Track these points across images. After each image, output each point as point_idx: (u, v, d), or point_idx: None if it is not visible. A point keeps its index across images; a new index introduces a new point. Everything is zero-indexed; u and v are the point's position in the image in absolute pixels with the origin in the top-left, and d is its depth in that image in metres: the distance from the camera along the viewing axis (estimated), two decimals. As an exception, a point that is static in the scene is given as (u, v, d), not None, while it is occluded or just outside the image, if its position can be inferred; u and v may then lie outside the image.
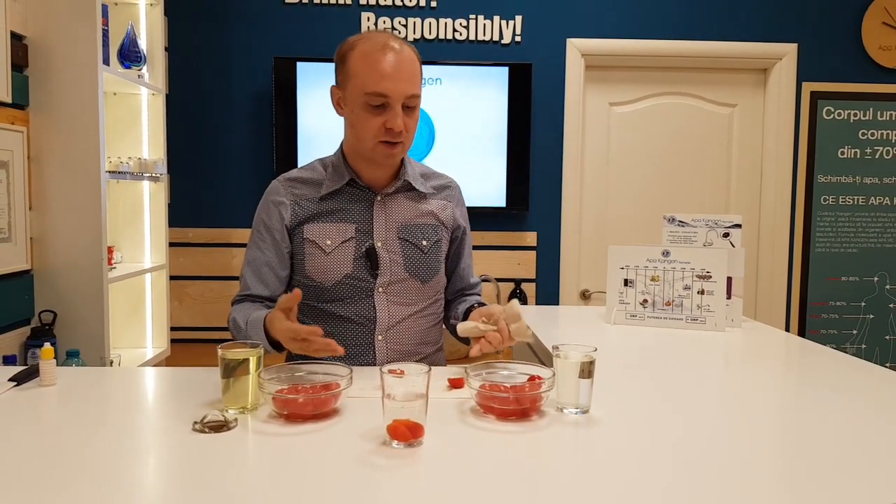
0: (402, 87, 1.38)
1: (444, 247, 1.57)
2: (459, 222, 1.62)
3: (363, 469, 0.94)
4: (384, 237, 1.49)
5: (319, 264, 1.47)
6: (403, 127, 1.40)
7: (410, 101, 1.41)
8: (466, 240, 1.66)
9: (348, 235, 1.48)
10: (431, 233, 1.54)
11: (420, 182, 1.55)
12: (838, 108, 3.22)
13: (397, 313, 1.50)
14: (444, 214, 1.57)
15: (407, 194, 1.54)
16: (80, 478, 0.90)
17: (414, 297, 1.52)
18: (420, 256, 1.51)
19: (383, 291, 1.49)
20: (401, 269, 1.49)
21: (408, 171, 1.53)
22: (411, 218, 1.53)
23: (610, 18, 3.16)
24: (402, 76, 1.38)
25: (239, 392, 1.15)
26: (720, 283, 1.94)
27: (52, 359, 1.31)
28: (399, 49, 1.40)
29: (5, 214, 2.02)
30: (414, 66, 1.42)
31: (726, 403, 1.31)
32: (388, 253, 1.49)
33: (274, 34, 3.10)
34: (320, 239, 1.47)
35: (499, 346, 1.33)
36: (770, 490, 0.92)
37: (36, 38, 2.11)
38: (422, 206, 1.55)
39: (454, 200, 1.61)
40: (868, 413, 1.23)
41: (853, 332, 3.30)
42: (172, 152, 2.92)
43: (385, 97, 1.38)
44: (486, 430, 1.10)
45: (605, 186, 3.31)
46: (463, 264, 1.65)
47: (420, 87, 1.44)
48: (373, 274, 1.48)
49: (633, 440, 1.07)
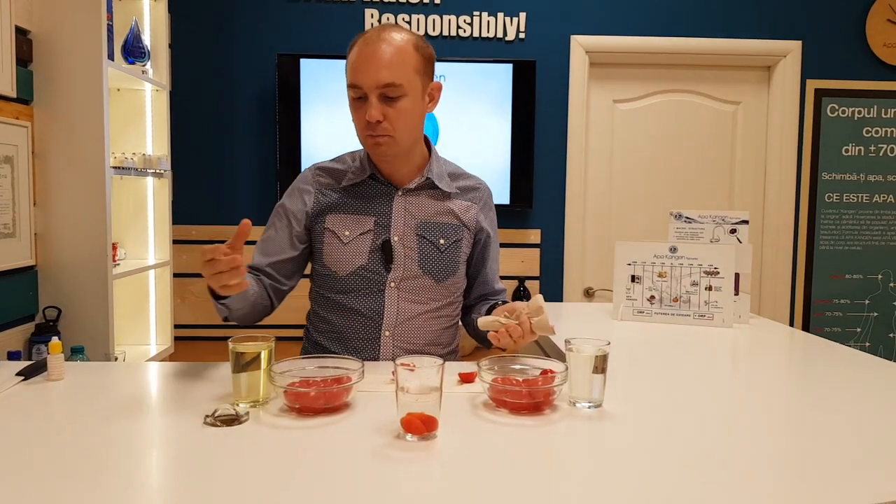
0: (373, 77, 1.34)
1: (465, 248, 1.54)
2: (483, 226, 1.57)
3: (378, 462, 0.93)
4: (402, 232, 1.48)
5: (336, 254, 1.47)
6: (381, 117, 1.35)
7: (388, 90, 1.35)
8: (492, 245, 1.61)
9: (367, 227, 1.48)
10: (451, 232, 1.52)
11: (445, 181, 1.53)
12: (842, 105, 3.22)
13: (407, 310, 1.49)
14: (466, 215, 1.54)
15: (430, 192, 1.52)
16: (92, 472, 0.89)
17: (427, 296, 1.50)
18: (436, 254, 1.50)
19: (395, 287, 1.48)
20: (415, 265, 1.48)
21: (433, 169, 1.51)
22: (431, 215, 1.51)
23: (614, 15, 3.16)
24: (374, 66, 1.34)
25: (251, 386, 1.15)
26: (728, 280, 1.93)
27: (61, 353, 1.30)
28: (383, 38, 1.35)
29: (9, 210, 2.01)
30: (396, 56, 1.35)
31: (735, 399, 1.31)
32: (403, 248, 1.48)
33: (278, 31, 3.09)
34: (339, 229, 1.48)
35: (519, 339, 1.28)
36: (779, 484, 0.91)
37: (41, 33, 2.10)
38: (444, 204, 1.52)
39: (480, 203, 1.58)
40: (876, 407, 1.22)
41: (857, 330, 3.30)
42: (176, 149, 2.91)
43: (359, 88, 1.36)
44: (500, 423, 1.09)
45: (609, 184, 3.30)
46: (487, 269, 1.61)
47: (406, 77, 1.36)
48: (386, 268, 1.47)
49: (645, 435, 1.07)
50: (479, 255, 1.59)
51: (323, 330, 1.52)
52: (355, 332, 1.48)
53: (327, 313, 1.51)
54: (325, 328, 1.52)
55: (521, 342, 1.30)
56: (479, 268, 1.61)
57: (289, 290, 1.55)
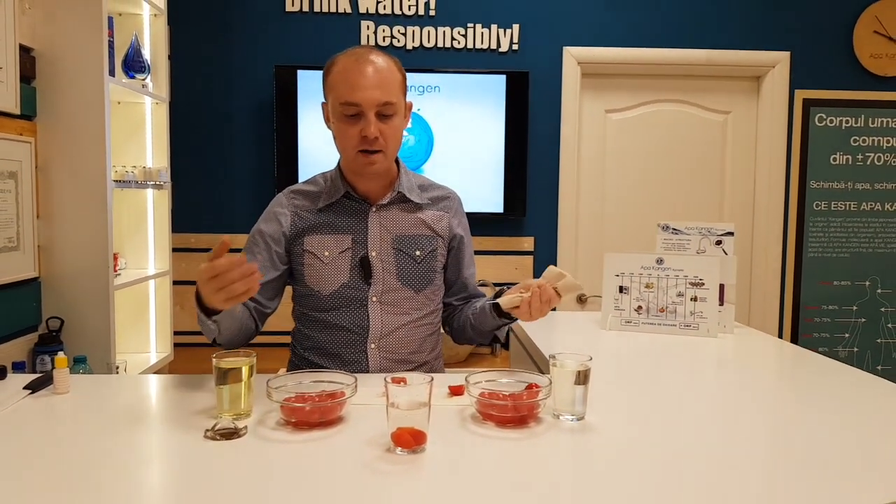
0: (373, 95, 1.41)
1: (440, 258, 1.61)
2: (456, 231, 1.64)
3: (370, 475, 0.98)
4: (379, 247, 1.54)
5: (318, 274, 1.53)
6: (378, 134, 1.43)
7: (384, 108, 1.43)
8: (465, 249, 1.68)
9: (345, 246, 1.53)
10: (426, 243, 1.58)
11: (416, 193, 1.59)
12: (830, 115, 3.28)
13: (391, 322, 1.54)
14: (439, 225, 1.61)
15: (402, 206, 1.58)
16: (98, 485, 0.94)
17: (408, 306, 1.56)
18: (413, 266, 1.56)
19: (377, 301, 1.54)
20: (393, 278, 1.54)
21: (402, 183, 1.57)
22: (406, 228, 1.57)
23: (606, 27, 3.22)
24: (372, 84, 1.41)
25: (233, 398, 1.20)
26: (713, 290, 1.99)
27: (66, 367, 1.35)
28: (372, 60, 1.43)
29: (14, 224, 2.06)
30: (388, 76, 1.44)
31: (718, 408, 1.36)
32: (381, 262, 1.54)
33: (275, 43, 3.14)
34: (319, 250, 1.53)
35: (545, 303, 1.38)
36: (760, 495, 0.96)
37: (44, 51, 2.16)
38: (417, 216, 1.59)
39: (451, 211, 1.64)
40: (854, 418, 1.28)
41: (845, 336, 3.36)
42: (175, 158, 2.96)
43: (357, 106, 1.42)
44: (486, 436, 1.15)
45: (602, 192, 3.36)
46: (465, 273, 1.68)
47: (396, 96, 1.46)
48: (367, 283, 1.53)
49: (626, 446, 1.12)
50: (453, 260, 1.65)
51: (310, 347, 1.57)
52: (342, 347, 1.54)
53: (313, 331, 1.56)
54: (311, 345, 1.57)
55: (546, 307, 1.39)
56: (457, 272, 1.67)
57: (271, 312, 1.59)
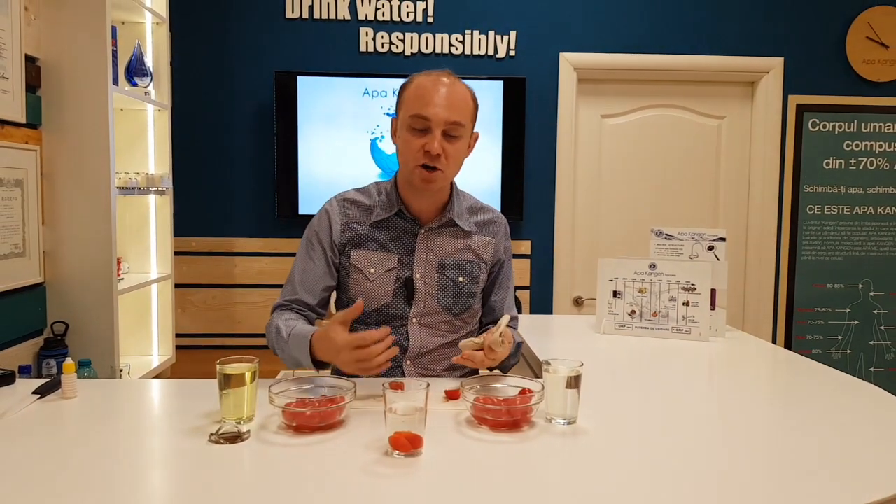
0: (444, 113, 1.46)
1: (482, 283, 1.63)
2: (500, 256, 1.66)
3: (368, 478, 1.02)
4: (423, 270, 1.57)
5: (362, 289, 1.56)
6: (441, 151, 1.46)
7: (452, 128, 1.47)
8: (503, 272, 1.68)
9: (391, 265, 1.56)
10: (470, 269, 1.61)
11: (465, 219, 1.61)
12: (823, 120, 3.32)
13: (429, 343, 1.58)
14: (485, 251, 1.63)
15: (451, 230, 1.60)
16: (106, 488, 0.99)
17: (445, 329, 1.59)
18: (455, 291, 1.59)
19: (417, 322, 1.57)
20: (434, 301, 1.57)
21: (454, 209, 1.59)
22: (451, 253, 1.60)
23: (602, 34, 3.26)
24: (444, 103, 1.46)
25: (236, 404, 1.24)
26: (704, 295, 2.03)
27: (74, 373, 1.40)
28: (450, 83, 1.49)
29: (20, 230, 2.10)
30: (461, 99, 1.49)
31: (708, 411, 1.40)
32: (424, 285, 1.57)
33: (275, 49, 3.18)
34: (365, 267, 1.56)
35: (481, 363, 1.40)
36: (750, 496, 1.00)
37: (49, 60, 2.20)
38: (464, 242, 1.61)
39: (498, 236, 1.66)
40: (842, 420, 1.32)
41: (838, 338, 3.40)
42: (176, 163, 3.00)
43: (427, 120, 1.46)
44: (481, 440, 1.19)
45: (598, 196, 3.40)
46: (494, 297, 1.68)
47: (466, 118, 1.50)
48: (408, 303, 1.56)
49: (617, 449, 1.16)
50: (489, 284, 1.67)
51: None
52: None
53: None
54: None
55: (489, 361, 1.41)
56: (488, 294, 1.68)
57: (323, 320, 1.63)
